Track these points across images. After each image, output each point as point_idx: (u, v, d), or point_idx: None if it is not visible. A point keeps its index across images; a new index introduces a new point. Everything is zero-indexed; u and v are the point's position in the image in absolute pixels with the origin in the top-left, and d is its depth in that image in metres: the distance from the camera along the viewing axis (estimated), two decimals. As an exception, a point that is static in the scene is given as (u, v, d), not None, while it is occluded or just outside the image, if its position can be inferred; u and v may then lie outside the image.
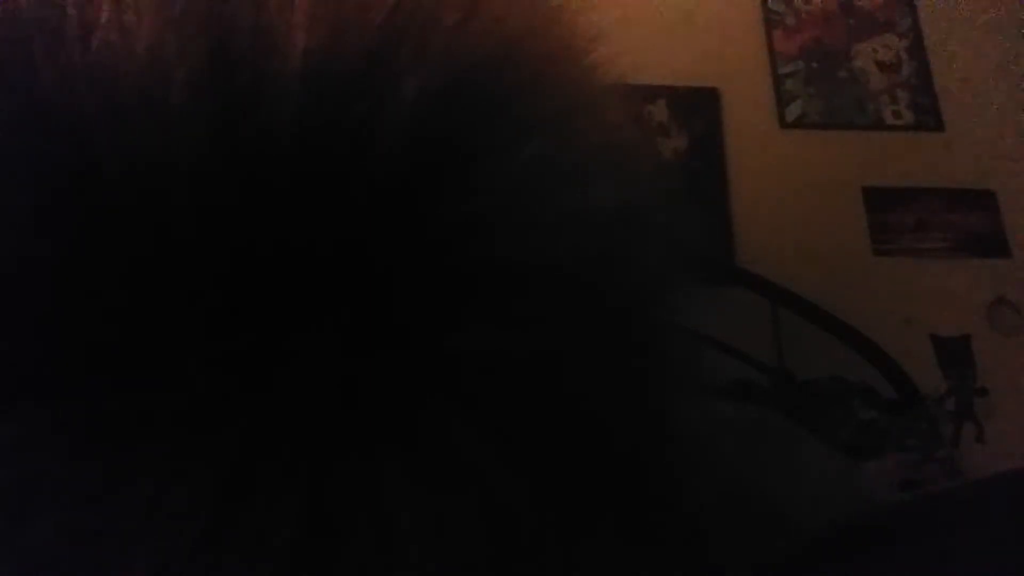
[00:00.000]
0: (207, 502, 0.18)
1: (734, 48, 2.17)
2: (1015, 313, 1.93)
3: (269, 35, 0.20)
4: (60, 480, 0.18)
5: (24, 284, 0.19)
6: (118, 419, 0.19)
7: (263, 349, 0.19)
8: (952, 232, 2.02)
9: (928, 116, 2.14)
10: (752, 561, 0.23)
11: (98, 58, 0.20)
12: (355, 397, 0.19)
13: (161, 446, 0.19)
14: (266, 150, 0.20)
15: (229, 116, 0.20)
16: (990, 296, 1.94)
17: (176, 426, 0.19)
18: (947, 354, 1.88)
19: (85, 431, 0.19)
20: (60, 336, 0.19)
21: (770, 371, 1.65)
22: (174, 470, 0.18)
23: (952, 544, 0.24)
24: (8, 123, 0.20)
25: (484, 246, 0.21)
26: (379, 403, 0.19)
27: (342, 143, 0.20)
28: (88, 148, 0.19)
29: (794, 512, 0.25)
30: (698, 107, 2.09)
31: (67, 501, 0.18)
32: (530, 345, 0.20)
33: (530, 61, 0.23)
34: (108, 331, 0.19)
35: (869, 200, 2.03)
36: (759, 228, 1.94)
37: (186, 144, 0.19)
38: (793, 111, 2.13)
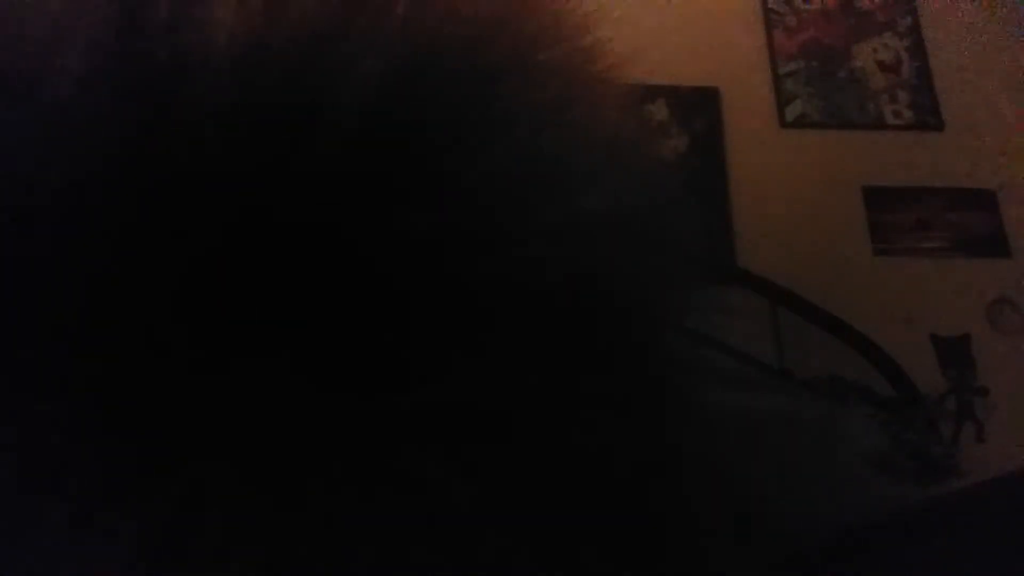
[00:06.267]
0: (142, 554, 0.16)
1: (734, 48, 2.16)
2: (1015, 313, 1.93)
3: (191, 7, 0.17)
4: None
5: None
6: (40, 455, 0.16)
7: (202, 380, 0.16)
8: (952, 232, 2.01)
9: (928, 116, 2.14)
10: (755, 566, 0.22)
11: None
12: (305, 435, 0.17)
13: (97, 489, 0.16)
14: (185, 141, 0.16)
15: (141, 98, 0.16)
16: (990, 296, 1.94)
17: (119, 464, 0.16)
18: (947, 354, 1.88)
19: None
20: None
21: (770, 371, 1.65)
22: (108, 517, 0.16)
23: (955, 548, 0.23)
24: None
25: (452, 263, 0.17)
26: (339, 445, 0.17)
27: (280, 138, 0.16)
28: None
29: (796, 514, 0.25)
30: (698, 107, 2.08)
31: None
32: (507, 380, 0.18)
33: (508, 47, 0.20)
34: (24, 349, 0.17)
35: (869, 200, 2.02)
36: (759, 228, 1.93)
37: (83, 133, 0.15)
38: (793, 111, 2.12)
